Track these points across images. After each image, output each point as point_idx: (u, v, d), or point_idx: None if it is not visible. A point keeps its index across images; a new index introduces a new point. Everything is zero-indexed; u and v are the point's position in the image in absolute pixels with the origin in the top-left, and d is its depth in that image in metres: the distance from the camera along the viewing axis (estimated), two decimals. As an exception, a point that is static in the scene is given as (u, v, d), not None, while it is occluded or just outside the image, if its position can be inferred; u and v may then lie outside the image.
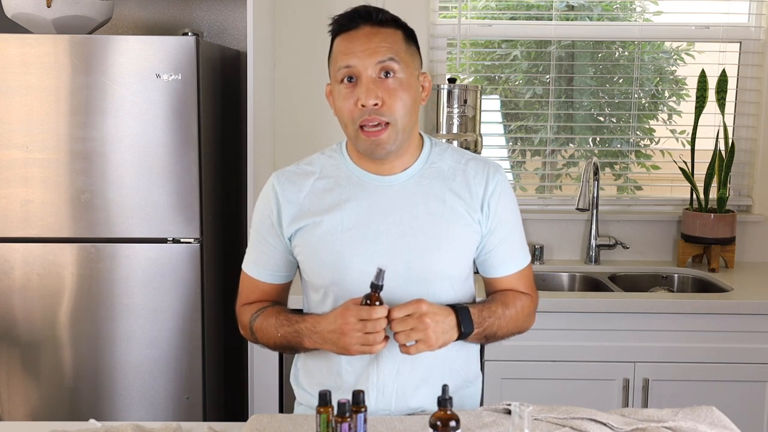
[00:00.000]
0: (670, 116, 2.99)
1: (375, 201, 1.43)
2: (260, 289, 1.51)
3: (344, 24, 1.39)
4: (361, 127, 1.36)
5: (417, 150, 1.47)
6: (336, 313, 1.31)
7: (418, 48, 1.45)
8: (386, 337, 1.29)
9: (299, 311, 1.46)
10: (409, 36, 1.43)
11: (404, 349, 1.30)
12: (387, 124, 1.36)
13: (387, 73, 1.36)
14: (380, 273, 1.27)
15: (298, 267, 1.50)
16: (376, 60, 1.35)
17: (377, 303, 1.27)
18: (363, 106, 1.34)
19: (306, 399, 1.51)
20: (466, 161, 1.49)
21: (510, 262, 1.50)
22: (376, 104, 1.34)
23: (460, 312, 1.35)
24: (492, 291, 1.53)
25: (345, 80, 1.37)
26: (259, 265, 1.50)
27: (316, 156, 1.51)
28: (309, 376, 1.50)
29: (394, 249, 1.39)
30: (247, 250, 1.54)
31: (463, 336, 1.36)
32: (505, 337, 1.47)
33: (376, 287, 1.27)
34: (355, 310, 1.28)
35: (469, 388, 1.52)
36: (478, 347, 1.55)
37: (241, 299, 1.54)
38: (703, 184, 2.75)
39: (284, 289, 1.54)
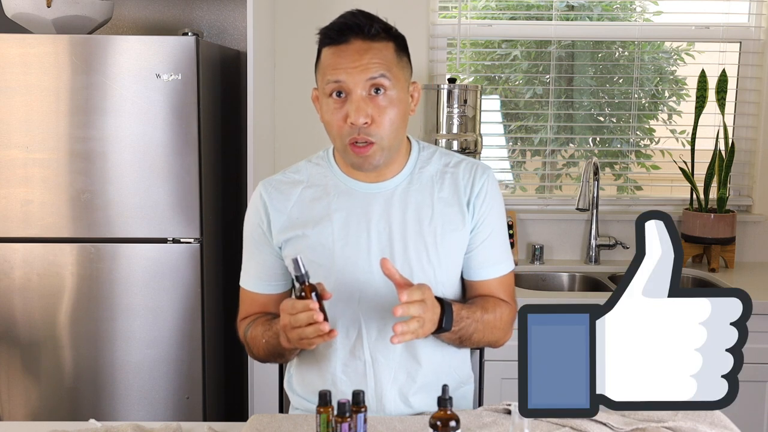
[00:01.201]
0: (670, 116, 2.99)
1: (364, 209, 1.41)
2: (259, 302, 1.49)
3: (334, 38, 1.34)
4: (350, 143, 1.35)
5: (405, 156, 1.46)
6: None
7: (409, 57, 1.42)
8: (332, 330, 1.22)
9: None
10: (401, 46, 1.39)
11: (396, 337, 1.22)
12: (374, 143, 1.34)
13: (377, 89, 1.33)
14: (296, 263, 1.22)
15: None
16: (366, 77, 1.31)
17: (313, 293, 1.23)
18: (352, 123, 1.32)
19: (302, 404, 1.50)
20: (455, 164, 1.47)
21: (491, 266, 1.46)
22: (365, 123, 1.32)
23: (446, 307, 1.32)
24: (472, 295, 1.48)
25: (334, 95, 1.34)
26: (255, 277, 1.49)
27: (302, 163, 1.50)
28: (303, 384, 1.49)
29: (382, 255, 1.38)
30: (243, 265, 1.52)
31: (440, 331, 1.32)
32: (480, 343, 1.44)
33: (299, 279, 1.23)
34: (284, 305, 1.25)
35: (461, 389, 1.51)
36: (468, 350, 1.54)
37: (240, 315, 1.52)
38: (703, 184, 2.75)
39: (283, 300, 1.51)
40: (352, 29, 1.33)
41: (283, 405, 1.66)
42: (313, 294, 1.23)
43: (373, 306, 1.39)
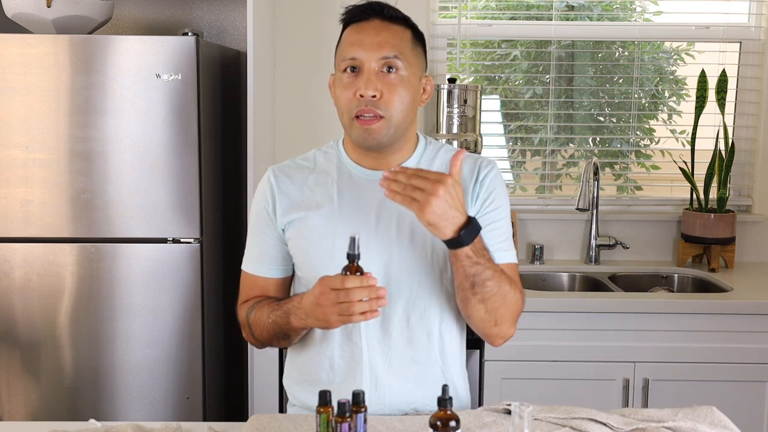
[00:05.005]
0: (670, 116, 2.99)
1: (367, 195, 1.43)
2: (260, 286, 1.51)
3: (356, 15, 1.41)
4: (357, 116, 1.37)
5: (412, 148, 1.48)
6: (315, 285, 1.29)
7: (425, 50, 1.46)
8: (375, 310, 1.23)
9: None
10: (417, 37, 1.44)
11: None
12: (381, 117, 1.36)
13: (390, 68, 1.37)
14: (353, 241, 1.23)
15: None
16: (380, 55, 1.36)
17: (357, 274, 1.24)
18: (362, 96, 1.35)
19: (298, 398, 1.51)
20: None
21: (497, 251, 1.43)
22: (374, 96, 1.35)
23: (472, 220, 1.28)
24: None
25: (348, 70, 1.38)
26: (257, 261, 1.50)
27: (312, 152, 1.53)
28: (301, 373, 1.50)
29: (384, 242, 1.40)
30: (246, 249, 1.54)
31: (456, 241, 1.27)
32: (489, 304, 1.34)
33: (351, 257, 1.24)
34: (330, 279, 1.25)
35: (458, 388, 1.51)
36: (463, 345, 1.53)
37: (240, 299, 1.54)
38: (703, 184, 2.75)
39: (284, 285, 1.52)
40: (374, 9, 1.41)
41: (284, 405, 1.66)
42: (358, 274, 1.24)
43: None
